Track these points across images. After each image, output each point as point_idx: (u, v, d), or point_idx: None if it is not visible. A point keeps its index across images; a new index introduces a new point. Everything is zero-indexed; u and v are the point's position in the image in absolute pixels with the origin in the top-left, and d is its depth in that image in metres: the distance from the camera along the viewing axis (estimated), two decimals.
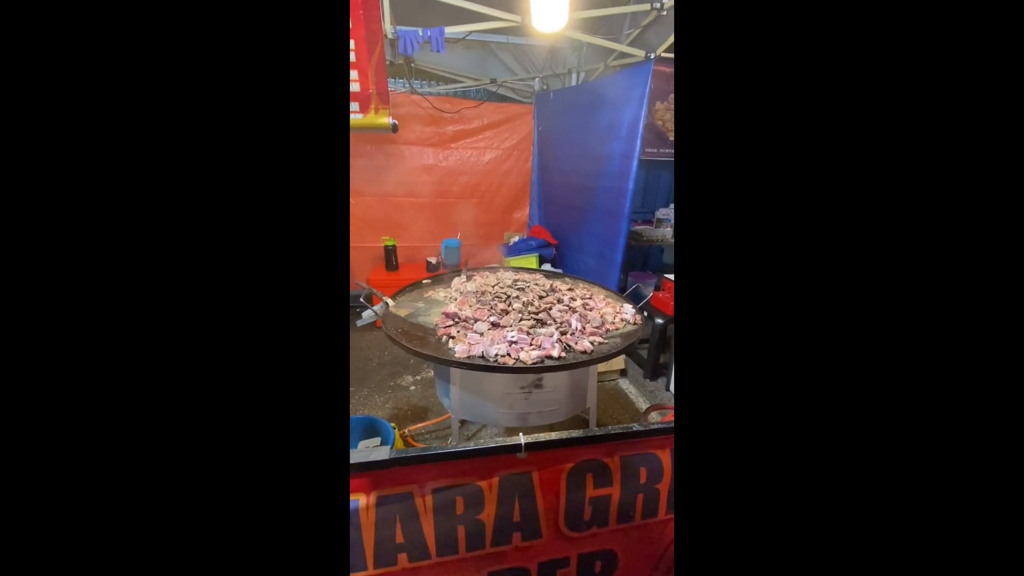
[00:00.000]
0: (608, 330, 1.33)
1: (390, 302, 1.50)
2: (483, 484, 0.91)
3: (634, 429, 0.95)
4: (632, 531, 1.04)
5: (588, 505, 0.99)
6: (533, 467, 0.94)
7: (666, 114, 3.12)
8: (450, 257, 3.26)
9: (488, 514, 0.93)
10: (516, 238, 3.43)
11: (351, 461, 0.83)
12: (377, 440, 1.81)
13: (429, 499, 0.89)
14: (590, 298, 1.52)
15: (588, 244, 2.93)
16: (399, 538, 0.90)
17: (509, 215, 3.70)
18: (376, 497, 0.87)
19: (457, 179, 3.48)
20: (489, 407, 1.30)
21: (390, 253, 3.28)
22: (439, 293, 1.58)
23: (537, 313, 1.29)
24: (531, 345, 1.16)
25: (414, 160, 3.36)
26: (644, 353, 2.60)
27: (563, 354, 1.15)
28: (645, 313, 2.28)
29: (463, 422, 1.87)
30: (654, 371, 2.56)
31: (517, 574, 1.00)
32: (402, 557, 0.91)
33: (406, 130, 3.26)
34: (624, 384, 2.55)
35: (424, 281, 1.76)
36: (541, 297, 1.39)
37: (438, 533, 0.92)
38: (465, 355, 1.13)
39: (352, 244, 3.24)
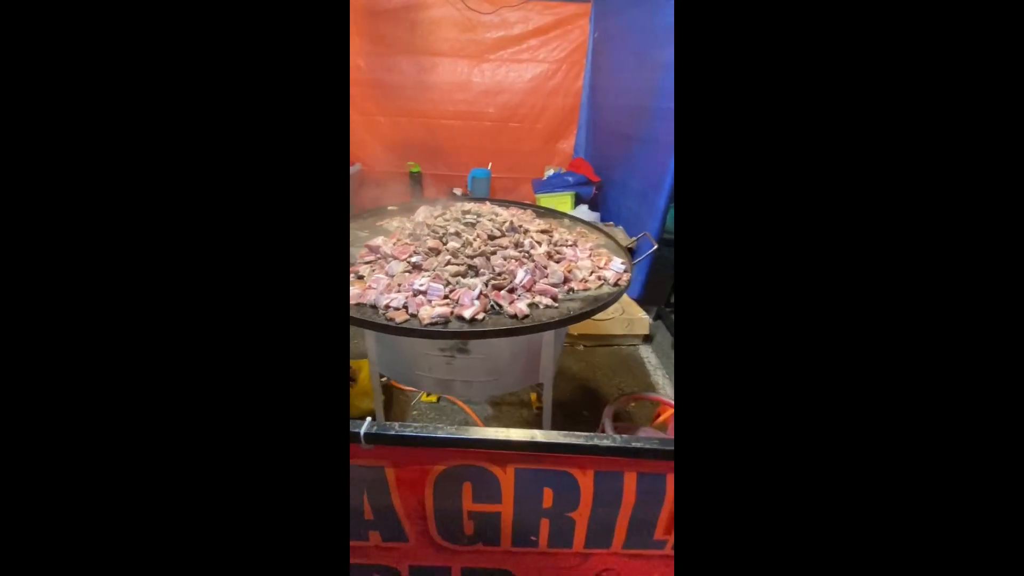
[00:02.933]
0: (572, 289, 0.97)
1: None
2: None
3: (536, 440, 0.64)
4: (535, 557, 0.78)
5: (468, 518, 0.74)
6: (385, 461, 0.70)
7: None
8: (477, 190, 2.94)
9: None
10: (552, 172, 2.96)
11: None
12: None
13: None
14: (571, 245, 1.14)
15: (632, 183, 2.40)
16: None
17: (552, 145, 3.19)
18: None
19: (494, 99, 3.02)
20: (408, 366, 1.06)
21: (415, 180, 3.05)
22: (393, 223, 1.32)
23: (472, 257, 0.97)
24: (443, 299, 0.86)
25: (446, 74, 2.95)
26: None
27: (481, 315, 0.84)
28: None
29: (387, 379, 1.67)
30: None
31: (386, 572, 0.82)
32: None
33: (436, 37, 2.84)
34: (645, 352, 2.15)
35: (389, 207, 1.50)
36: (492, 238, 1.06)
37: None
38: (355, 301, 0.88)
39: (375, 168, 3.06)
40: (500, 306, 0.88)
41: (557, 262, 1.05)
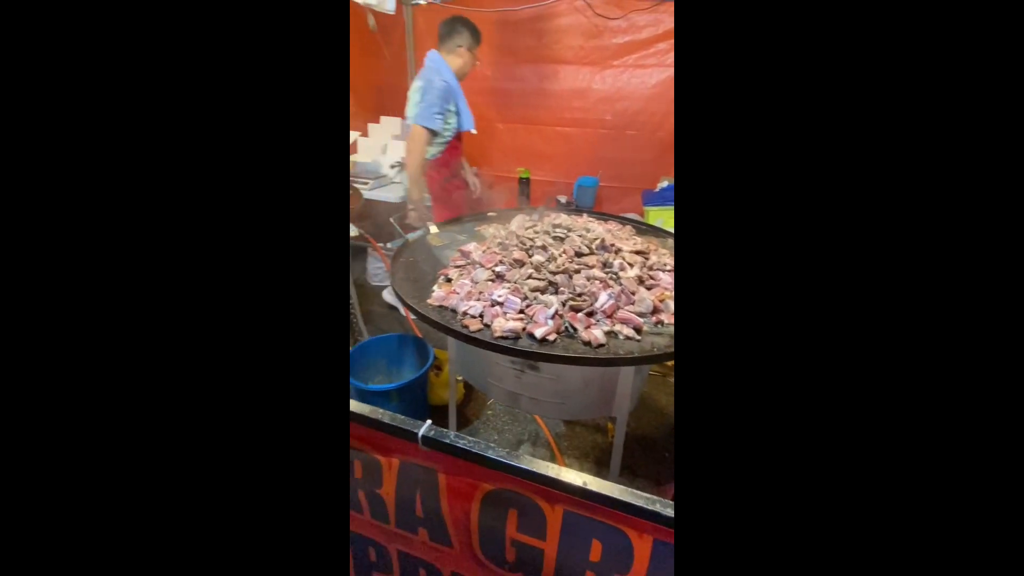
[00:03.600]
0: (662, 322, 0.88)
1: (433, 228, 1.37)
2: (382, 459, 0.75)
3: (587, 487, 0.59)
4: None
5: (511, 545, 0.71)
6: (438, 466, 0.71)
7: None
8: (583, 198, 2.88)
9: (388, 493, 0.78)
10: (667, 183, 2.74)
11: None
12: None
13: None
14: (668, 270, 1.04)
15: None
16: None
17: (671, 155, 2.95)
18: None
19: (612, 106, 2.92)
20: (481, 372, 1.08)
21: (523, 186, 3.12)
22: (490, 229, 1.36)
23: (555, 274, 0.94)
24: (518, 313, 0.85)
25: (567, 81, 2.95)
26: None
27: (553, 336, 0.81)
28: None
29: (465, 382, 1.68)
30: None
31: (429, 569, 0.84)
32: None
33: (562, 45, 2.85)
34: None
35: (490, 213, 1.55)
36: (579, 255, 1.01)
37: None
38: (438, 303, 0.92)
39: (491, 172, 3.20)
40: (575, 329, 0.83)
41: (648, 288, 0.95)
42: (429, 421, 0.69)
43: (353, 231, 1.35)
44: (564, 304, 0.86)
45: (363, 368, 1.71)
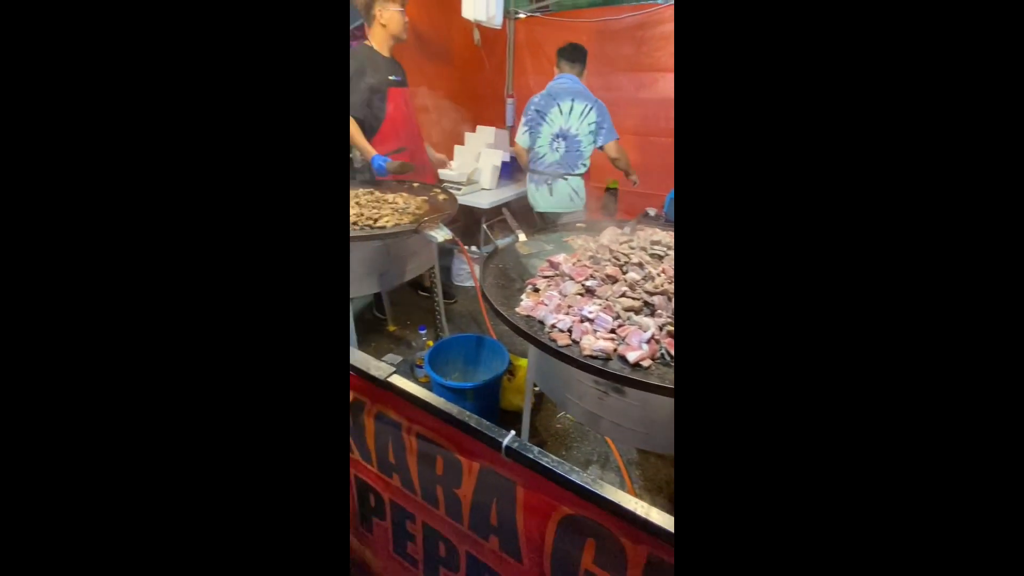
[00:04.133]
0: None
1: (521, 236, 1.39)
2: (463, 460, 0.76)
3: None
4: None
5: None
6: (518, 479, 0.70)
7: None
8: (674, 212, 2.72)
9: (465, 494, 0.79)
10: None
11: (356, 363, 0.84)
12: (399, 359, 1.74)
13: (414, 441, 0.83)
14: None
15: None
16: (391, 458, 0.90)
17: None
18: (376, 410, 0.88)
19: None
20: (561, 386, 1.06)
21: (611, 196, 3.04)
22: (579, 240, 1.34)
23: (652, 294, 0.89)
24: (610, 333, 0.82)
25: (665, 91, 2.82)
26: None
27: (647, 362, 0.76)
28: None
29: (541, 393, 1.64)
30: None
31: None
32: (395, 477, 0.91)
33: (664, 53, 2.74)
34: None
35: (578, 224, 1.53)
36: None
37: (421, 479, 0.86)
38: (526, 312, 0.92)
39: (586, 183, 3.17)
40: (668, 356, 0.77)
41: None
42: (512, 432, 0.69)
43: (446, 234, 1.42)
44: (661, 328, 0.81)
45: (442, 364, 1.79)
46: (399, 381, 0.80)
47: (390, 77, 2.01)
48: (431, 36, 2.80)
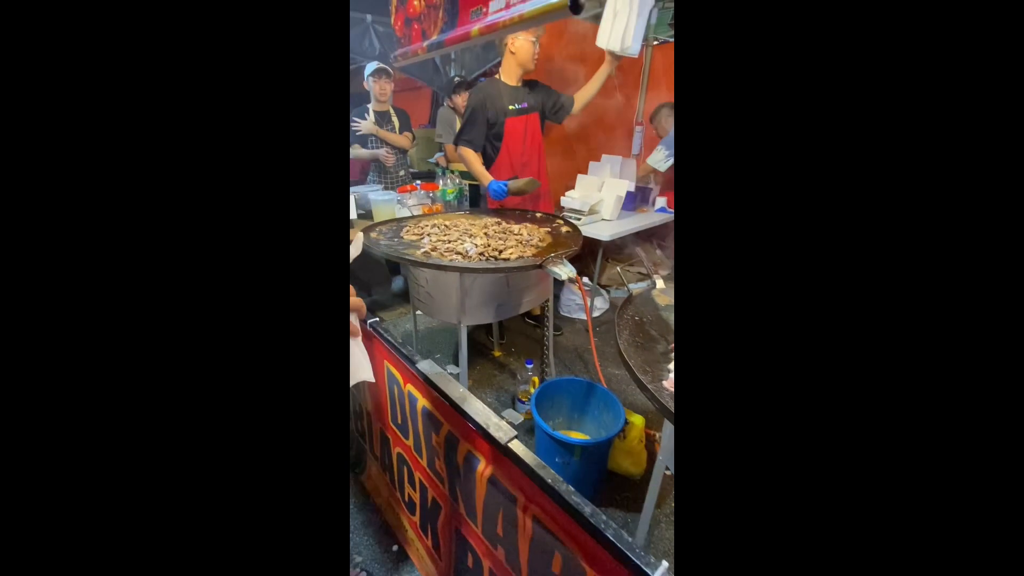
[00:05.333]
0: None
1: (659, 283, 1.21)
2: (592, 574, 0.62)
3: None
4: None
5: None
6: None
7: None
8: None
9: None
10: None
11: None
12: (520, 418, 1.51)
13: (529, 523, 0.71)
14: None
15: None
16: (499, 530, 0.79)
17: None
18: (490, 473, 0.79)
19: None
20: None
21: None
22: None
23: None
24: None
25: None
26: None
27: None
28: None
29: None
30: None
31: None
32: (500, 550, 0.81)
33: None
34: None
35: None
36: None
37: (531, 566, 0.73)
38: (670, 389, 0.75)
39: None
40: None
41: None
42: (666, 564, 0.52)
43: (570, 271, 1.31)
44: None
45: (547, 406, 1.67)
46: (521, 450, 0.70)
47: (511, 106, 2.02)
48: (562, 65, 2.81)
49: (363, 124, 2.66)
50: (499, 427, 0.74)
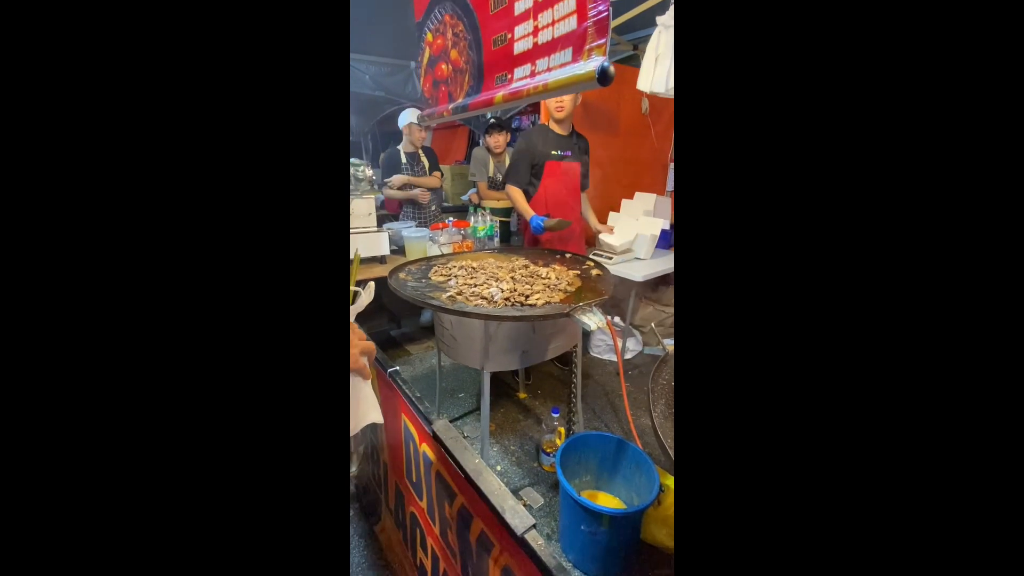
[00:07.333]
0: None
1: None
2: None
3: None
4: None
5: None
6: None
7: None
8: None
9: None
10: None
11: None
12: (540, 501, 1.37)
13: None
14: None
15: None
16: None
17: None
18: (504, 563, 0.70)
19: None
20: None
21: None
22: None
23: None
24: None
25: None
26: None
27: None
28: None
29: None
30: None
31: None
32: None
33: None
34: None
35: None
36: None
37: None
38: None
39: None
40: None
41: None
42: None
43: (600, 320, 1.23)
44: None
45: (573, 462, 1.55)
46: (539, 544, 0.62)
47: (554, 151, 2.16)
48: (599, 106, 2.82)
49: (395, 179, 2.81)
50: (515, 512, 0.66)
